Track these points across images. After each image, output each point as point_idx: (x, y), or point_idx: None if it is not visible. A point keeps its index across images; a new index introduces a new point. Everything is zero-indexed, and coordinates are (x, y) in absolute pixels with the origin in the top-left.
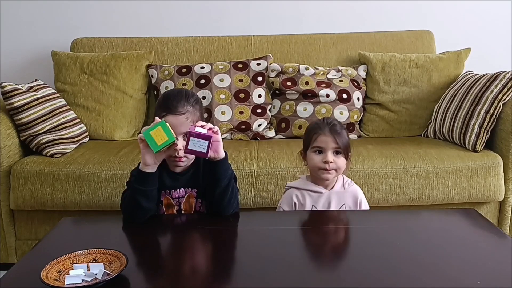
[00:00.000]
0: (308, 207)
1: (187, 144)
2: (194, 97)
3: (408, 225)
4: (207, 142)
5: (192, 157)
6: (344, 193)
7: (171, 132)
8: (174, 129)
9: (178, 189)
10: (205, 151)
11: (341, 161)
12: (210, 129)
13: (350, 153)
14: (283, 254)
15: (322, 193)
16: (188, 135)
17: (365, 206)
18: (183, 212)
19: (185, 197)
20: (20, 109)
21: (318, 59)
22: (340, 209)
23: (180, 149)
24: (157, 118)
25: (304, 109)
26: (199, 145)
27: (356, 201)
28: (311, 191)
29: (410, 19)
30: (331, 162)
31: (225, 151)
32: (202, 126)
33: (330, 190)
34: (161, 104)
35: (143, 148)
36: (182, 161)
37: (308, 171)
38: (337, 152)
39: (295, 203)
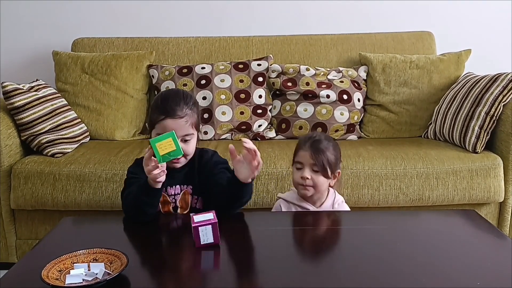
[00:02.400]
0: None
1: (197, 238)
2: (192, 99)
3: (408, 226)
4: (210, 227)
5: (188, 157)
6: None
7: (180, 145)
8: None
9: (174, 186)
10: (212, 241)
11: (320, 179)
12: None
13: (338, 171)
14: (283, 254)
15: (308, 209)
16: (194, 230)
17: None
18: (179, 209)
19: (181, 194)
20: (21, 108)
21: (318, 59)
22: None
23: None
24: (161, 125)
25: (305, 110)
26: (206, 235)
27: None
28: (299, 206)
29: (411, 20)
30: (308, 179)
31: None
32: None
33: (318, 208)
34: (158, 106)
35: (152, 171)
36: (179, 162)
37: None
38: (315, 170)
39: None
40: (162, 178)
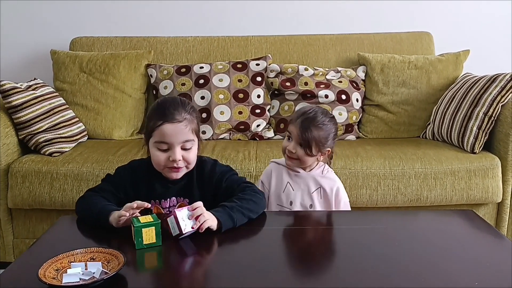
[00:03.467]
0: (284, 183)
1: (178, 236)
2: (190, 105)
3: (406, 226)
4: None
5: (191, 167)
6: (322, 178)
7: (161, 235)
8: (172, 138)
9: (168, 199)
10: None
11: (304, 155)
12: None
13: (326, 149)
14: (282, 254)
15: (299, 172)
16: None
17: (342, 193)
18: None
19: (177, 206)
20: (18, 107)
21: (317, 59)
22: (315, 191)
23: (179, 159)
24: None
25: None
26: (173, 228)
27: (332, 189)
28: (289, 169)
29: (409, 20)
30: (293, 152)
31: (218, 220)
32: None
33: (308, 172)
34: (156, 112)
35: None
36: (179, 172)
37: None
38: (301, 144)
39: (271, 177)
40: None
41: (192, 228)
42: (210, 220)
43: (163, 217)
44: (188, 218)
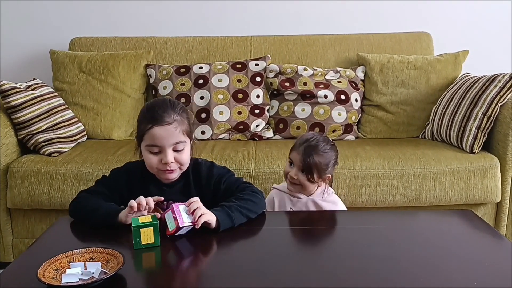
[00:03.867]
0: (287, 209)
1: (175, 232)
2: (180, 105)
3: (405, 226)
4: (175, 222)
5: (185, 168)
6: (323, 202)
7: (159, 236)
8: (163, 141)
9: (165, 202)
10: (169, 228)
11: (305, 181)
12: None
13: (327, 176)
14: (281, 254)
15: (300, 198)
16: (176, 229)
17: None
18: None
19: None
20: (18, 107)
21: (316, 60)
22: None
23: (171, 162)
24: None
25: (302, 110)
26: (170, 222)
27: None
28: (291, 195)
29: (409, 20)
30: (295, 178)
31: (217, 218)
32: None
33: (309, 197)
34: (145, 115)
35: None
36: (172, 173)
37: None
38: (303, 171)
39: (274, 204)
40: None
41: (190, 223)
42: (208, 215)
43: (160, 215)
44: (186, 213)
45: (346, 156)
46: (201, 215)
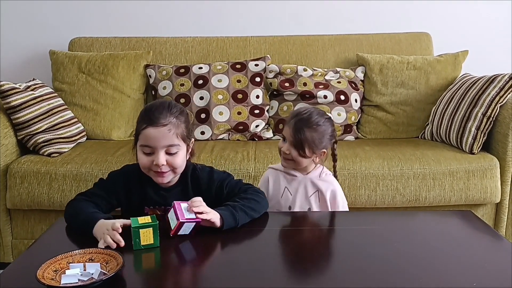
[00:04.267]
0: (281, 188)
1: (177, 230)
2: (178, 108)
3: (405, 226)
4: (177, 221)
5: (178, 171)
6: (320, 181)
7: (159, 237)
8: (155, 142)
9: (163, 207)
10: (172, 228)
11: (297, 156)
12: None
13: (319, 151)
14: (280, 255)
15: (296, 176)
16: (178, 224)
17: (340, 198)
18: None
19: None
20: (17, 108)
21: (316, 60)
22: (313, 194)
23: (163, 164)
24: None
25: None
26: (172, 220)
27: (330, 191)
28: (286, 173)
29: (408, 21)
30: (287, 153)
31: (221, 216)
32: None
33: (305, 175)
34: (143, 116)
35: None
36: (164, 177)
37: None
38: (294, 145)
39: (269, 183)
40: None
41: (192, 219)
42: (211, 213)
43: (163, 215)
44: (187, 210)
45: (346, 156)
46: (203, 212)
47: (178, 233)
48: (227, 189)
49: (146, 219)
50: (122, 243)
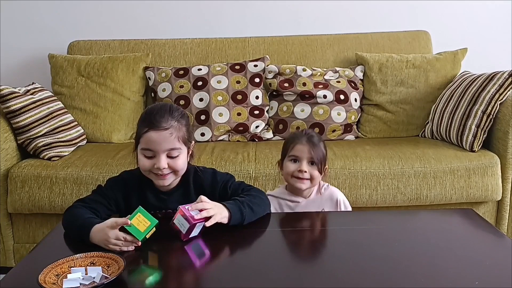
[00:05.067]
0: None
1: (189, 233)
2: (179, 112)
3: (406, 225)
4: (188, 225)
5: (180, 174)
6: (321, 198)
7: (151, 216)
8: (156, 145)
9: (163, 211)
10: (183, 232)
11: (315, 172)
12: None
13: (325, 167)
14: (280, 255)
15: (299, 202)
16: (177, 212)
17: (344, 207)
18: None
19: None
20: (17, 112)
21: (315, 60)
22: None
23: (164, 167)
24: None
25: (302, 110)
26: (181, 225)
27: (335, 203)
28: (289, 200)
29: (407, 19)
30: (305, 172)
31: (229, 210)
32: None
33: (307, 199)
34: (143, 119)
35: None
36: (165, 179)
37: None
38: (312, 163)
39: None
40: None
41: (201, 220)
42: (218, 215)
43: (171, 224)
44: (194, 211)
45: (346, 156)
46: (213, 215)
47: (177, 223)
48: (230, 190)
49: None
50: (138, 243)
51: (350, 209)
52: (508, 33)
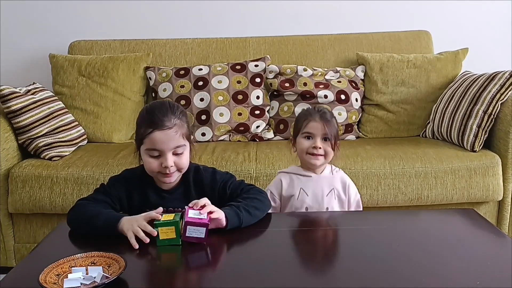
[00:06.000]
0: (296, 189)
1: (184, 232)
2: (179, 109)
3: (407, 225)
4: (204, 228)
5: (183, 171)
6: (333, 178)
7: (180, 234)
8: (163, 145)
9: (166, 209)
10: (203, 236)
11: (329, 148)
12: (202, 206)
13: (338, 142)
14: (280, 256)
15: (311, 176)
16: (184, 225)
17: (353, 189)
18: None
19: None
20: (18, 112)
21: (316, 60)
22: (330, 193)
23: (171, 166)
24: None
25: None
26: (196, 232)
27: (344, 186)
28: (300, 175)
29: (408, 19)
30: (320, 148)
31: (225, 216)
32: (194, 206)
33: (319, 175)
34: (145, 119)
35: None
36: (171, 177)
37: (298, 161)
38: (325, 139)
39: (282, 186)
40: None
41: (199, 218)
42: (218, 212)
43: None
44: (196, 214)
45: (347, 156)
46: (211, 212)
47: (190, 235)
48: (230, 190)
49: (169, 216)
50: (154, 233)
51: (358, 197)
52: (509, 33)
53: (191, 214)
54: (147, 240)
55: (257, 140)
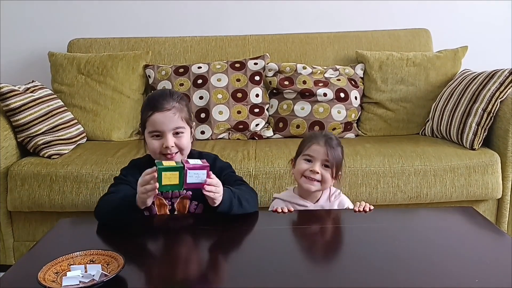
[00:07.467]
0: None
1: (185, 178)
2: (178, 94)
3: (406, 223)
4: (205, 171)
5: (185, 153)
6: (331, 206)
7: (183, 181)
8: (162, 126)
9: (171, 192)
10: (204, 180)
11: (328, 175)
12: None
13: (340, 173)
14: (281, 254)
15: (307, 206)
16: (185, 171)
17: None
18: (176, 212)
19: (179, 197)
20: (17, 110)
21: (315, 58)
22: None
23: (172, 146)
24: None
25: (302, 108)
26: (196, 177)
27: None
28: (296, 204)
29: (407, 17)
30: (317, 173)
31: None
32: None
33: (315, 204)
34: (146, 105)
35: (148, 191)
36: (174, 158)
37: (295, 182)
38: (326, 166)
39: None
40: (150, 201)
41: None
42: (218, 194)
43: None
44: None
45: (346, 154)
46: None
47: (191, 181)
48: (223, 178)
49: (171, 163)
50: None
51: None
52: (509, 31)
53: (192, 162)
54: (157, 185)
55: (256, 138)
